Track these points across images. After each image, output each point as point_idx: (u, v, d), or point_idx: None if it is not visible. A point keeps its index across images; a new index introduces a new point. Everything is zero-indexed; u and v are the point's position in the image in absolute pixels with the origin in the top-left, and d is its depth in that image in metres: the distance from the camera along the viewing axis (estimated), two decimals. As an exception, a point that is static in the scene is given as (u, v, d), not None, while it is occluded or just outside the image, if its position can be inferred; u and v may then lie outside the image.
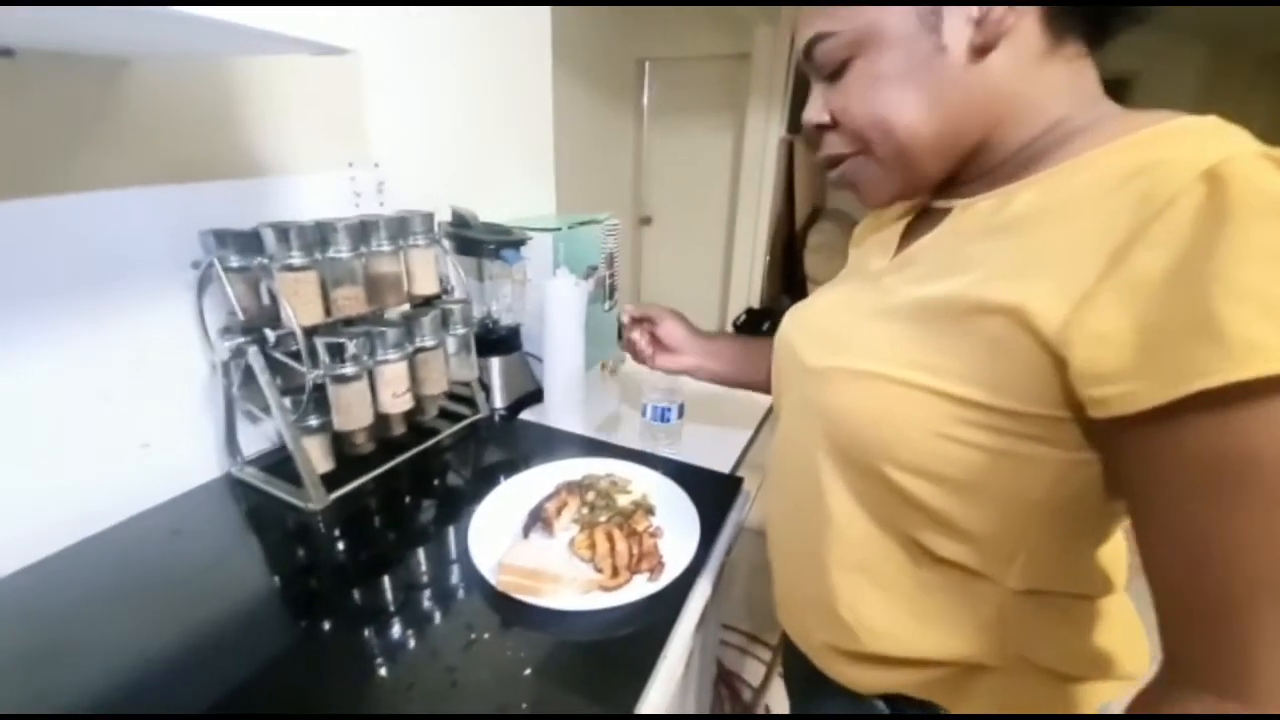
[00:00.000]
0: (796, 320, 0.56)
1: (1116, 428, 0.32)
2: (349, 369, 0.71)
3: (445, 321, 0.86)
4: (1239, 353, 0.27)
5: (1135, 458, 0.33)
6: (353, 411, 0.73)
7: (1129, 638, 0.47)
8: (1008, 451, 0.37)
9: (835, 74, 0.44)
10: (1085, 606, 0.46)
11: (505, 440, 0.98)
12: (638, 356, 0.84)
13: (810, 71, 0.46)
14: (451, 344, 0.89)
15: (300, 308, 0.68)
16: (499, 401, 1.06)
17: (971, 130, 0.42)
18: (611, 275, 1.35)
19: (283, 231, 0.66)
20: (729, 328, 3.87)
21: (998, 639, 0.44)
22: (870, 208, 0.51)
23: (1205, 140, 0.32)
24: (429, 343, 0.81)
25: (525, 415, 1.03)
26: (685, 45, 3.52)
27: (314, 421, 0.75)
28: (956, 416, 0.38)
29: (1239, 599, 0.30)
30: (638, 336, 0.83)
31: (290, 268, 0.67)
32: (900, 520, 0.44)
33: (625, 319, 0.83)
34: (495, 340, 1.07)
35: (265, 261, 0.67)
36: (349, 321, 0.77)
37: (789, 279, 3.58)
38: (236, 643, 0.56)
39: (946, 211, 0.45)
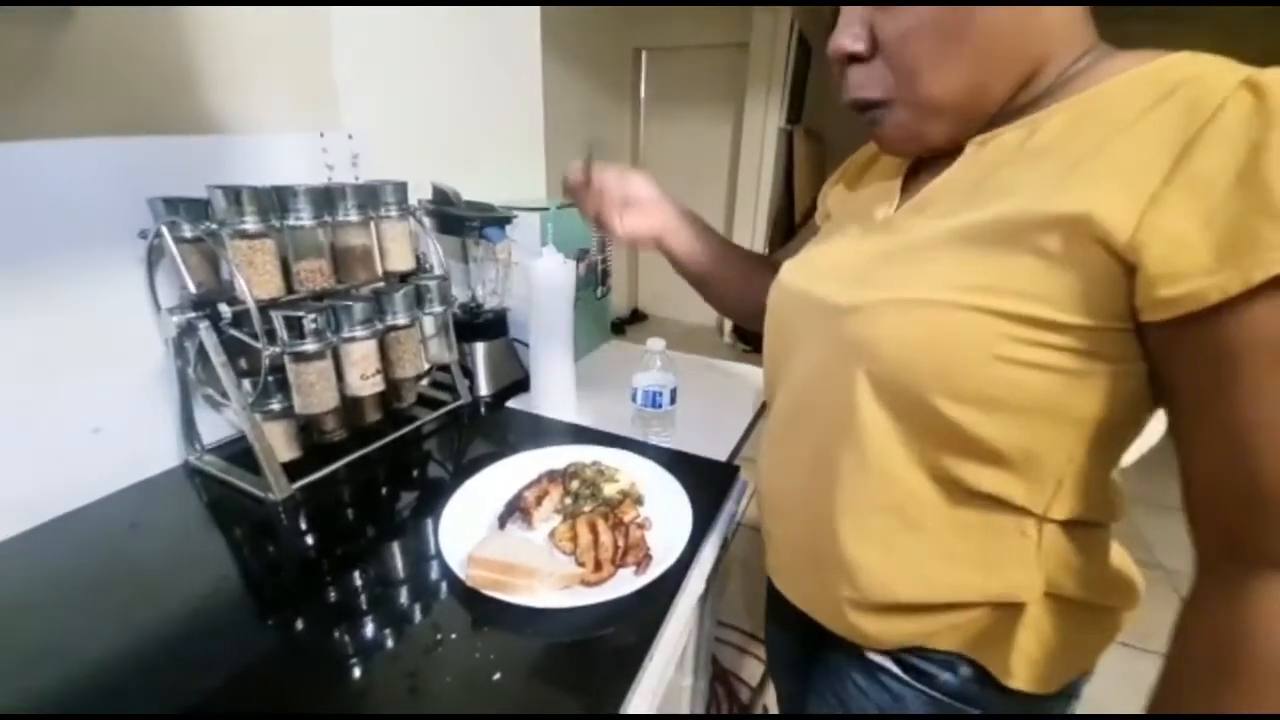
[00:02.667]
0: (803, 270, 0.53)
1: (1178, 327, 0.33)
2: (309, 345, 0.65)
3: (420, 299, 0.79)
4: None
5: (1201, 354, 0.34)
6: (315, 393, 0.67)
7: (1128, 564, 0.49)
8: (1066, 369, 0.37)
9: None
10: (1102, 534, 0.47)
11: (489, 428, 0.93)
12: (597, 214, 0.66)
13: None
14: (428, 324, 0.83)
15: (256, 279, 0.62)
16: (484, 389, 1.00)
17: (1010, 78, 0.41)
18: (604, 260, 1.29)
19: (234, 193, 0.60)
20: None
21: (1033, 573, 0.44)
22: (894, 154, 0.51)
23: (1217, 63, 0.35)
24: (401, 320, 0.75)
25: (512, 403, 0.98)
26: (683, 34, 3.47)
27: (276, 405, 0.70)
28: (1015, 336, 0.37)
29: None
30: (610, 185, 0.65)
31: (243, 234, 0.61)
32: (944, 457, 0.43)
33: (576, 175, 0.66)
34: (480, 325, 1.01)
35: (214, 227, 0.61)
36: (317, 298, 0.71)
37: (789, 272, 3.53)
38: (179, 644, 0.51)
39: (949, 156, 0.44)
